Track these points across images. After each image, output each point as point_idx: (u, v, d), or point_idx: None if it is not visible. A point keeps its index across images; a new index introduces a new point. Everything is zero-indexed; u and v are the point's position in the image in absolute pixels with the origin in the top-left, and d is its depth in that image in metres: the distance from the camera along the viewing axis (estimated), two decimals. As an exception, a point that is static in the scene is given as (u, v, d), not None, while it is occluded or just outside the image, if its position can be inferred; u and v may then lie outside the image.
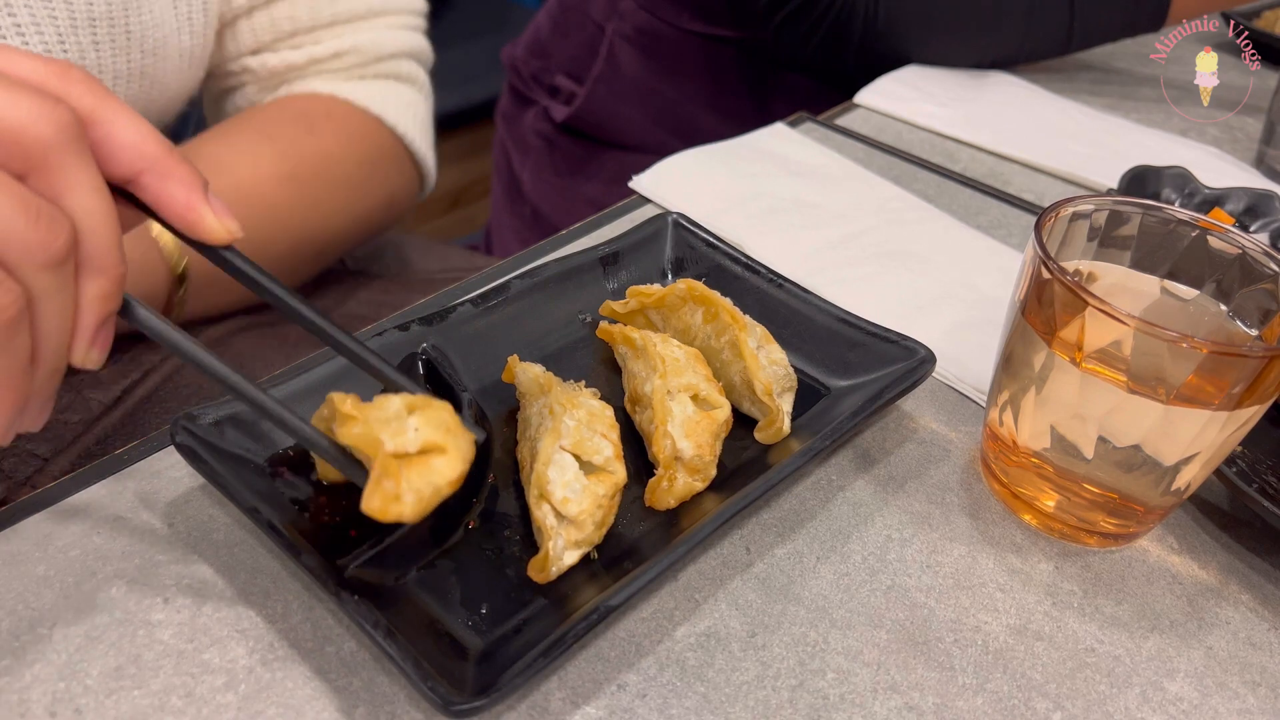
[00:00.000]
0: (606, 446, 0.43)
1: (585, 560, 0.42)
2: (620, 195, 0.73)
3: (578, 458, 0.42)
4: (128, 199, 0.33)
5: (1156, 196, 0.70)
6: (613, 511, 0.43)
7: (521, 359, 0.50)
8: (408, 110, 0.71)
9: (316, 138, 0.65)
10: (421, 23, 0.74)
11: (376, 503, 0.34)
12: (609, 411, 0.46)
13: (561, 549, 0.41)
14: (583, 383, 0.48)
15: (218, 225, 0.33)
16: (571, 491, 0.41)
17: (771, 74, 1.05)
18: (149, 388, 0.60)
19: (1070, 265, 0.47)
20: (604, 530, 0.43)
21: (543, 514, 0.41)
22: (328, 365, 0.48)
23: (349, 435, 0.36)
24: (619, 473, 0.43)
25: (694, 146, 0.78)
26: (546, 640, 0.36)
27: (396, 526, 0.40)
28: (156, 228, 0.55)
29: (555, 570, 0.41)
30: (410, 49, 0.73)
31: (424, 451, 0.35)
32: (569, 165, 1.11)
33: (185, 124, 0.83)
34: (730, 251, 0.59)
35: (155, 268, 0.55)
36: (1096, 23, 0.94)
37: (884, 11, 0.91)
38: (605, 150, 1.09)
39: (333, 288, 0.76)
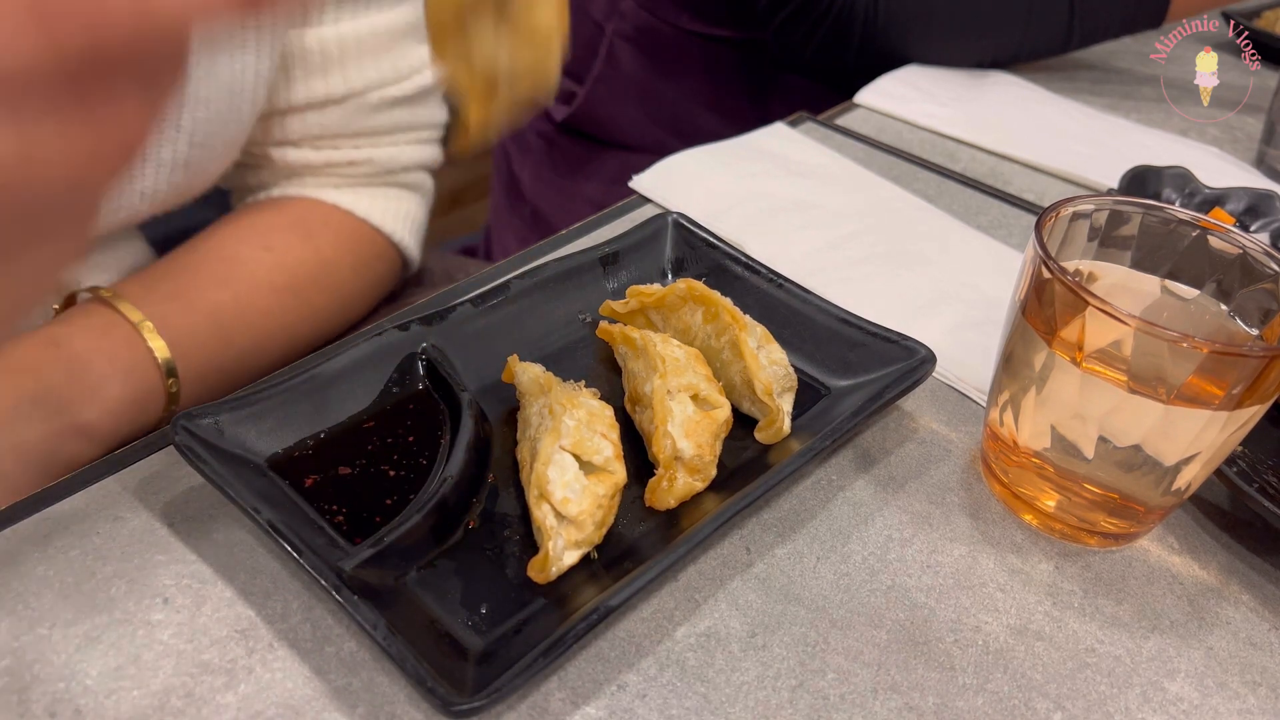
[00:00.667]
0: (606, 446, 0.43)
1: (585, 560, 0.42)
2: (620, 195, 0.73)
3: (578, 458, 0.42)
4: None
5: (1157, 196, 0.70)
6: (613, 511, 0.43)
7: (521, 359, 0.50)
8: (406, 219, 0.73)
9: (313, 246, 0.66)
10: (440, 132, 0.75)
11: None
12: (609, 411, 0.46)
13: (561, 549, 0.41)
14: (583, 383, 0.48)
15: None
16: (571, 491, 0.41)
17: (771, 74, 1.05)
18: None
19: (1071, 265, 0.47)
20: (604, 530, 0.43)
21: (543, 514, 0.41)
22: (331, 364, 0.48)
23: None
24: (619, 473, 0.43)
25: (693, 146, 0.78)
26: (546, 640, 0.36)
27: (395, 526, 0.40)
28: (146, 325, 0.55)
29: (555, 570, 0.41)
30: (424, 161, 0.74)
31: None
32: (569, 165, 1.11)
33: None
34: (730, 251, 0.59)
35: (146, 367, 0.55)
36: (1097, 20, 0.94)
37: (883, 11, 0.91)
38: (605, 150, 1.09)
39: None
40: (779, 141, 0.81)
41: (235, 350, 0.60)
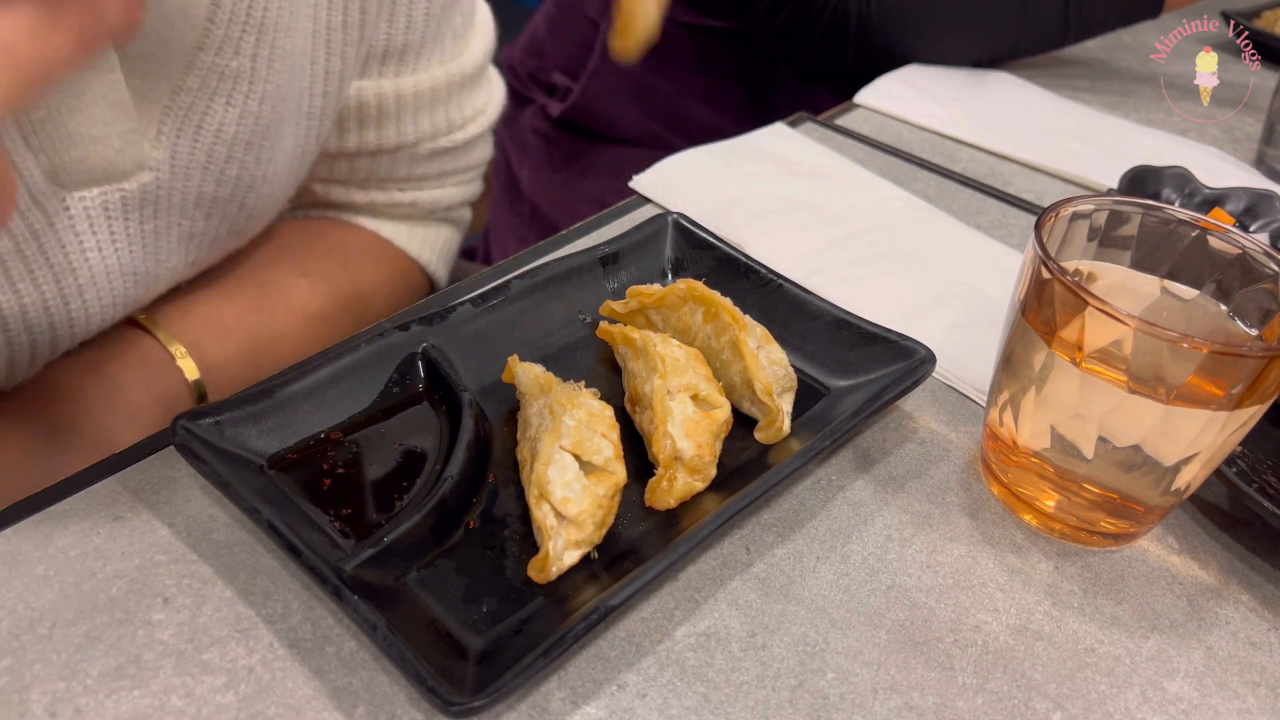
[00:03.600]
0: (606, 446, 0.43)
1: (585, 560, 0.42)
2: (618, 191, 0.73)
3: (578, 458, 0.42)
4: None
5: (1156, 196, 0.70)
6: (613, 511, 0.43)
7: (521, 359, 0.50)
8: (443, 250, 0.73)
9: (350, 274, 0.66)
10: (484, 169, 0.74)
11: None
12: (609, 411, 0.46)
13: (561, 549, 0.41)
14: (583, 383, 0.48)
15: None
16: (571, 491, 0.41)
17: (765, 66, 1.06)
18: None
19: (1070, 265, 0.47)
20: (604, 530, 0.43)
21: (543, 514, 0.41)
22: (332, 364, 0.48)
23: None
24: (619, 473, 0.43)
25: (689, 139, 0.78)
26: (547, 640, 0.36)
27: (395, 526, 0.40)
28: (180, 350, 0.56)
29: (555, 570, 0.41)
30: (467, 199, 0.73)
31: None
32: (567, 162, 1.11)
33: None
34: (730, 251, 0.59)
35: (179, 393, 0.56)
36: (1094, 12, 0.94)
37: (879, 9, 0.91)
38: (602, 146, 1.10)
39: None
40: (779, 141, 0.81)
41: (264, 374, 0.60)
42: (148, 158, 0.49)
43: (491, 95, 0.71)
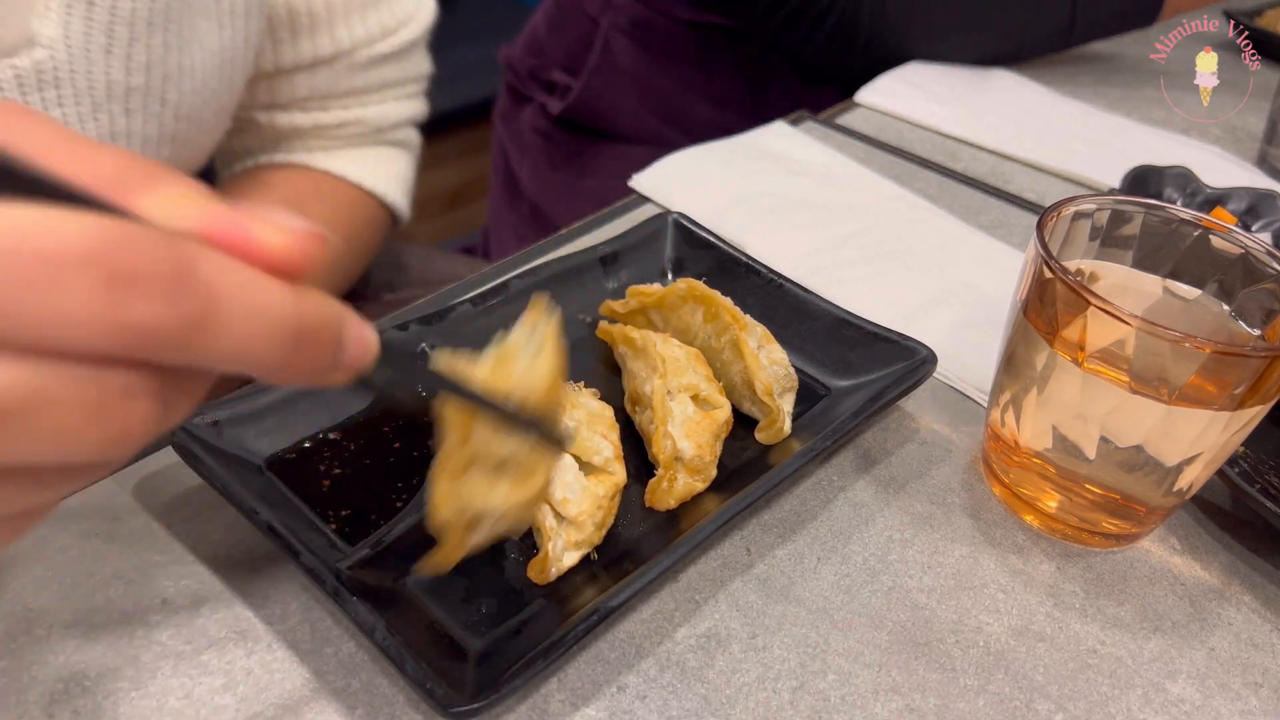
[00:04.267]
0: (606, 447, 0.43)
1: (585, 561, 0.42)
2: (619, 189, 0.73)
3: (577, 458, 0.42)
4: None
5: (1158, 196, 0.70)
6: (612, 512, 0.43)
7: (521, 359, 0.50)
8: (397, 180, 0.73)
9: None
10: (425, 84, 0.75)
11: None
12: (609, 412, 0.46)
13: (561, 550, 0.41)
14: (583, 383, 0.47)
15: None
16: (571, 492, 0.41)
17: (766, 62, 1.06)
18: None
19: (1072, 265, 0.47)
20: (604, 531, 0.43)
21: (542, 515, 0.41)
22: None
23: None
24: (619, 473, 0.43)
25: (690, 136, 0.78)
26: (546, 641, 0.36)
27: (394, 527, 0.40)
28: None
29: (555, 571, 0.41)
30: (412, 117, 0.73)
31: None
32: (567, 160, 1.11)
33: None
34: (731, 251, 0.58)
35: None
36: (1098, 14, 0.95)
37: (885, 9, 0.91)
38: (603, 144, 1.10)
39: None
40: (779, 140, 0.81)
41: None
42: (37, 33, 0.48)
43: (420, 1, 0.71)
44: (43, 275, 0.18)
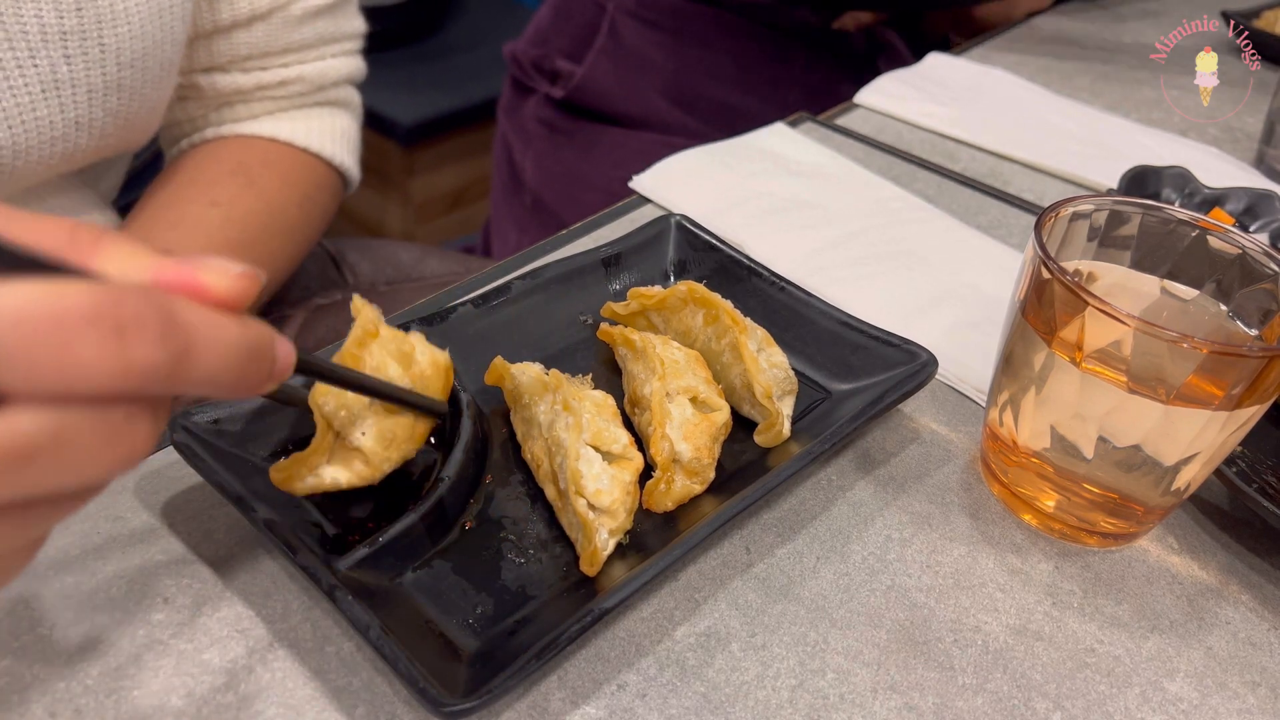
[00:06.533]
0: (621, 434, 0.44)
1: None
2: (622, 179, 0.74)
3: (597, 448, 0.43)
4: None
5: (1156, 196, 0.70)
6: (637, 497, 0.43)
7: (522, 360, 0.50)
8: (342, 139, 0.73)
9: (258, 191, 0.66)
10: (362, 43, 0.76)
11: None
12: (611, 400, 0.47)
13: (607, 539, 0.41)
14: (579, 377, 0.48)
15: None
16: (602, 483, 0.42)
17: (772, 42, 1.06)
18: None
19: (1070, 265, 0.47)
20: (632, 516, 0.43)
21: (582, 508, 0.41)
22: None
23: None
24: (637, 458, 0.44)
25: (696, 115, 0.78)
26: (541, 641, 0.36)
27: (391, 526, 0.40)
28: None
29: (603, 560, 0.41)
30: (350, 74, 0.74)
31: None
32: (571, 148, 1.11)
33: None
34: (733, 254, 0.58)
35: None
36: None
37: None
38: (607, 130, 1.10)
39: (337, 307, 0.76)
40: (779, 141, 0.81)
41: None
42: None
43: None
44: (59, 335, 0.21)
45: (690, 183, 0.73)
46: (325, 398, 0.39)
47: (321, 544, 0.41)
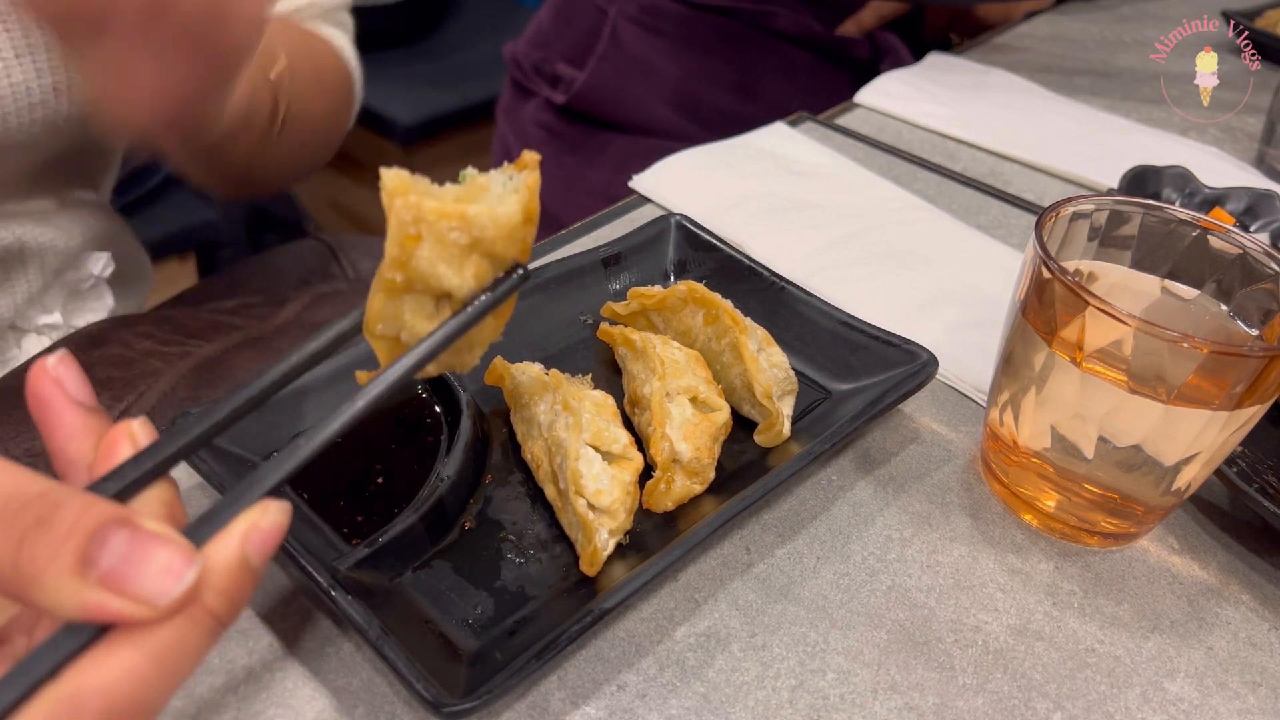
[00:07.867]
0: (621, 434, 0.44)
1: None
2: (622, 181, 0.73)
3: (597, 448, 0.43)
4: None
5: (1157, 196, 0.70)
6: (637, 497, 0.43)
7: (522, 360, 0.50)
8: (354, 55, 0.76)
9: (313, 54, 0.69)
10: None
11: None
12: (611, 400, 0.46)
13: (607, 540, 0.41)
14: (587, 375, 0.48)
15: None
16: (601, 483, 0.41)
17: (775, 49, 1.06)
18: (144, 406, 0.59)
19: (1071, 265, 0.47)
20: (632, 516, 0.43)
21: (582, 509, 0.41)
22: (330, 363, 0.48)
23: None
24: (637, 458, 0.43)
25: (696, 122, 0.78)
26: (541, 641, 0.36)
27: (391, 527, 0.40)
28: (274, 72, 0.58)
29: (603, 560, 0.41)
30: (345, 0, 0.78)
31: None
32: (572, 152, 1.11)
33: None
34: (733, 254, 0.58)
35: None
36: None
37: None
38: (608, 134, 1.10)
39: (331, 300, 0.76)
40: (779, 141, 0.81)
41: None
42: None
43: None
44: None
45: (690, 182, 0.73)
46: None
47: (321, 544, 0.41)
